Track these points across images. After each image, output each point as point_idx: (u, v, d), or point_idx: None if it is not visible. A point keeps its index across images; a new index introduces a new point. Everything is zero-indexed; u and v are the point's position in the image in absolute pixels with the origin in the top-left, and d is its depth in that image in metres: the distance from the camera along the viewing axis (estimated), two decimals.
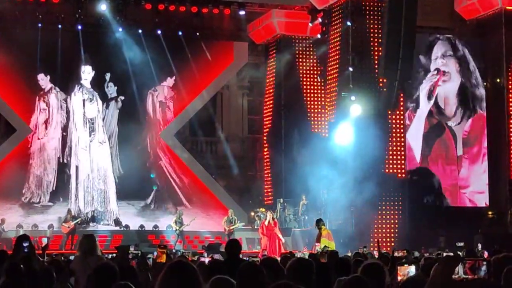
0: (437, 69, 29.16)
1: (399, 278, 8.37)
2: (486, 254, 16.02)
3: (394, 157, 27.23)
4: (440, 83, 29.20)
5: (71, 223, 26.35)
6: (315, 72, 30.30)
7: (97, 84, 30.34)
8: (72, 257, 13.71)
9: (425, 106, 29.02)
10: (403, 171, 27.35)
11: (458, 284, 5.83)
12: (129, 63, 29.27)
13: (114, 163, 30.44)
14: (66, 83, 30.04)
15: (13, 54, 28.79)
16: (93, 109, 30.35)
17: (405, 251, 17.33)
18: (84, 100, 30.25)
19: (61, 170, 29.99)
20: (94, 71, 30.06)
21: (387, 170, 26.96)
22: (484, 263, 5.55)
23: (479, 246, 22.96)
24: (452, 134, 29.28)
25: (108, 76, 30.23)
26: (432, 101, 29.08)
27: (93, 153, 30.24)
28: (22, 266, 7.99)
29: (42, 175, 29.72)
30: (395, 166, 27.21)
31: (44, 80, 29.87)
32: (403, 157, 27.45)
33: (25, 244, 9.27)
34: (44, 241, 22.40)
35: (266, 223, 25.44)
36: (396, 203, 27.01)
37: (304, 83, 30.45)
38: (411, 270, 8.64)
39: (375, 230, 26.43)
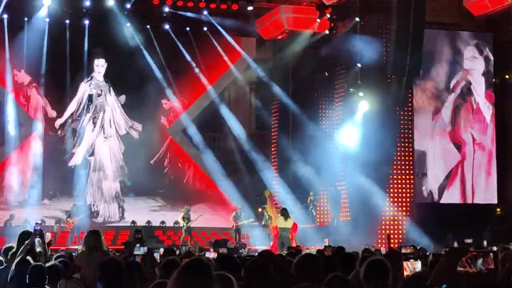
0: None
1: (405, 273, 8.36)
2: None
3: (403, 153, 27.12)
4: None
5: (76, 218, 26.42)
6: (323, 68, 30.17)
7: (105, 78, 30.37)
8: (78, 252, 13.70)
9: None
10: (411, 167, 27.24)
11: (463, 276, 5.81)
12: (137, 58, 29.23)
13: (122, 159, 30.43)
14: (73, 77, 29.99)
15: (19, 49, 28.82)
16: (103, 104, 30.39)
17: (412, 247, 17.26)
18: (93, 95, 30.29)
19: (69, 165, 29.96)
20: (106, 64, 30.10)
21: (395, 167, 26.87)
22: (480, 255, 5.50)
23: (485, 243, 22.87)
24: None
25: (116, 70, 30.24)
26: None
27: (102, 148, 30.25)
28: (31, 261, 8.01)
29: (49, 170, 29.64)
30: (403, 163, 27.10)
31: (18, 76, 29.67)
32: (411, 153, 27.34)
33: (37, 228, 9.27)
34: (48, 236, 22.36)
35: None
36: (403, 199, 26.92)
37: (312, 79, 30.31)
38: (418, 265, 8.62)
39: (383, 227, 26.35)
